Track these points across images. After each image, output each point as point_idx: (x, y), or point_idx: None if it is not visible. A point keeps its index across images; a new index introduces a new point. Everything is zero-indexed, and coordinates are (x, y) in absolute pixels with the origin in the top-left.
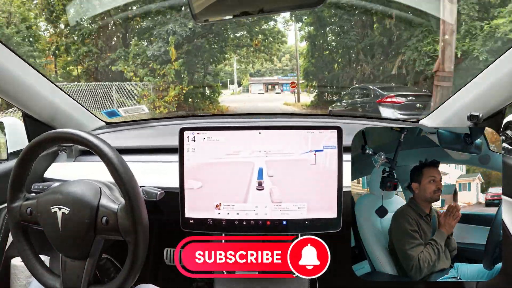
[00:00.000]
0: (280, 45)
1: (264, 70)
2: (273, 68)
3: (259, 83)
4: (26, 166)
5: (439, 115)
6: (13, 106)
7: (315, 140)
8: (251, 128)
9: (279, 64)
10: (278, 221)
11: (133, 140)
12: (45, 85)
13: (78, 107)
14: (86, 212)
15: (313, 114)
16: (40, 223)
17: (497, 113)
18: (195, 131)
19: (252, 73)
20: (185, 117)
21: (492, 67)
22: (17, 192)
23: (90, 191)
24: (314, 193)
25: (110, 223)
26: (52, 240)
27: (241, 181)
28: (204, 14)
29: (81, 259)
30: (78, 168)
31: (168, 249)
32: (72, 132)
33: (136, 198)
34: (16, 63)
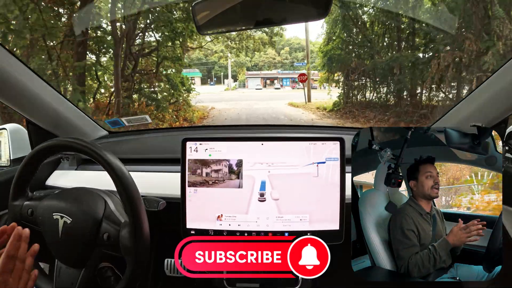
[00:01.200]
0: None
1: (262, 64)
2: (272, 62)
3: (257, 77)
4: (31, 168)
5: (441, 126)
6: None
7: (317, 152)
8: (253, 139)
9: (278, 58)
10: (280, 233)
11: (135, 149)
12: (50, 93)
13: (82, 115)
14: (88, 224)
15: (315, 126)
16: (40, 227)
17: (500, 123)
18: (197, 141)
19: (249, 67)
20: (188, 128)
21: (495, 76)
22: (20, 190)
23: (95, 204)
24: (316, 204)
25: (111, 240)
26: (50, 245)
27: (243, 193)
28: (208, 26)
29: (77, 268)
30: (80, 177)
31: (169, 260)
32: (83, 144)
33: (140, 218)
34: (21, 71)
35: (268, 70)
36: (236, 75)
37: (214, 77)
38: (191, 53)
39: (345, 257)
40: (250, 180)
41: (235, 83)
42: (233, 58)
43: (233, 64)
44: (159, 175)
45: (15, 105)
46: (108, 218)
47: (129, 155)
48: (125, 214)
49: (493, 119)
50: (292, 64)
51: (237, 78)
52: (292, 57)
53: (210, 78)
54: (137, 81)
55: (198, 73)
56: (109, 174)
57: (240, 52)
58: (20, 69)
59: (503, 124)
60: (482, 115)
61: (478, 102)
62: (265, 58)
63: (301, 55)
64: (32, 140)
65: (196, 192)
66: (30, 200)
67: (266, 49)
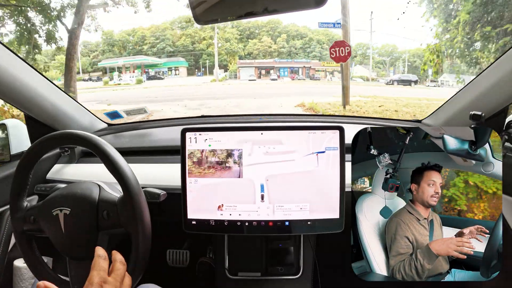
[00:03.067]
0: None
1: (256, 52)
2: (267, 51)
3: (250, 66)
4: (26, 172)
5: (441, 115)
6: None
7: (317, 141)
8: (253, 128)
9: (274, 46)
10: (280, 222)
11: (135, 141)
12: (47, 87)
13: (81, 108)
14: (86, 208)
15: (314, 114)
16: (44, 229)
17: (500, 112)
18: (197, 131)
19: (242, 56)
20: (188, 119)
21: (494, 65)
22: (19, 201)
23: (88, 188)
24: (316, 194)
25: (111, 216)
26: (57, 244)
27: (243, 182)
28: (206, 15)
29: (87, 260)
30: (80, 170)
31: (171, 250)
32: (69, 131)
33: (134, 188)
34: (19, 65)
35: (263, 59)
36: (227, 65)
37: (202, 67)
38: (176, 39)
39: (346, 255)
40: (250, 169)
41: (225, 73)
42: (220, 43)
43: (224, 53)
44: (159, 166)
45: (12, 100)
46: (104, 198)
47: (129, 146)
48: (120, 192)
49: (494, 107)
50: (289, 53)
51: (227, 68)
52: (289, 46)
53: (198, 68)
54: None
55: (184, 62)
56: (95, 152)
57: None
58: (15, 62)
59: (503, 113)
60: (483, 103)
61: (478, 91)
62: (260, 46)
63: (299, 43)
64: (32, 135)
65: (197, 182)
66: (29, 210)
67: (261, 37)
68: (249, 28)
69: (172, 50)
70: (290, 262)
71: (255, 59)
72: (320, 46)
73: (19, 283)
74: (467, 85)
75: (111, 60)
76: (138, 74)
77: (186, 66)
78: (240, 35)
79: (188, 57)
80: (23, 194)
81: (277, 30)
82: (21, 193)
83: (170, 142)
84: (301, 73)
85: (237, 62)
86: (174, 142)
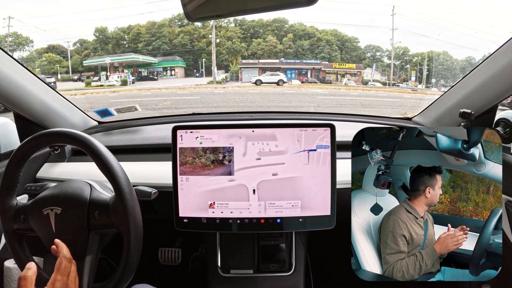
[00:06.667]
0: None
1: (260, 53)
2: (272, 51)
3: (254, 67)
4: (16, 171)
5: (431, 113)
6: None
7: (308, 139)
8: (244, 126)
9: (280, 46)
10: (272, 219)
11: (126, 139)
12: (37, 85)
13: (71, 106)
14: (78, 208)
15: (306, 112)
16: (34, 228)
17: (489, 111)
18: (188, 129)
19: (245, 56)
20: (179, 116)
21: (483, 64)
22: (9, 200)
23: (80, 188)
24: (308, 191)
25: (103, 216)
26: (47, 243)
27: (235, 180)
28: (197, 12)
29: (78, 259)
30: (71, 168)
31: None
32: (59, 130)
33: (126, 189)
34: (7, 63)
35: (268, 59)
36: (229, 65)
37: (201, 68)
38: (173, 37)
39: (343, 251)
40: (241, 174)
41: (226, 74)
42: (221, 41)
43: (225, 52)
44: (150, 164)
45: (2, 98)
46: (95, 198)
47: (120, 144)
48: (112, 192)
49: (483, 106)
50: (296, 54)
51: (229, 69)
52: (296, 46)
53: (197, 69)
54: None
55: (181, 62)
56: (86, 151)
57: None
58: (6, 61)
59: (492, 112)
60: (473, 101)
61: (467, 89)
62: (265, 46)
63: (307, 43)
64: (21, 134)
65: (188, 180)
66: (19, 209)
67: (266, 36)
68: (253, 27)
69: (169, 48)
70: (282, 259)
71: (259, 60)
72: (329, 47)
73: (9, 283)
74: (456, 83)
75: (97, 58)
76: (128, 74)
77: (184, 66)
78: (244, 33)
79: (186, 56)
80: (13, 192)
81: (283, 29)
82: (11, 191)
83: (161, 140)
84: (310, 75)
85: (239, 62)
86: (165, 140)
